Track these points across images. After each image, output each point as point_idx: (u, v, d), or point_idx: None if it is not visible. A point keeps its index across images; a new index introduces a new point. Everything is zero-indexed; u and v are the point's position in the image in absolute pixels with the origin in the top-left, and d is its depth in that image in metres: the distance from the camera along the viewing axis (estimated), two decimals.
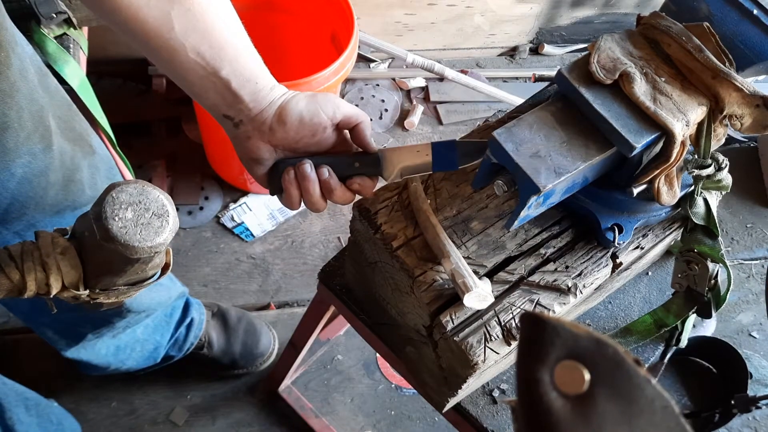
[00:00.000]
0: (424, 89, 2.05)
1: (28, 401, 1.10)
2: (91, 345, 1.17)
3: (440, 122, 2.01)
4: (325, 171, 0.69)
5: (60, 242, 0.46)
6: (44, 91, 0.79)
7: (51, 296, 0.48)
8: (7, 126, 0.72)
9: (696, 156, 0.70)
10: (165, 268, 0.52)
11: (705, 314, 0.77)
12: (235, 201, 1.77)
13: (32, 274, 0.45)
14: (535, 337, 0.31)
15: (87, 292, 0.48)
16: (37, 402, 1.13)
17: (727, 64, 0.66)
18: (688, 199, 0.75)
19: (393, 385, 1.58)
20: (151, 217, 0.43)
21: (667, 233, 0.79)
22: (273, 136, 0.67)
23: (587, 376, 0.29)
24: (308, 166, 0.68)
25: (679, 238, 0.79)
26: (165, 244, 0.44)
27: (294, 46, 1.71)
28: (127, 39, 0.63)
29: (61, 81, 1.03)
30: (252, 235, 1.73)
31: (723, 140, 0.71)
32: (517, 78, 2.14)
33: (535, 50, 2.21)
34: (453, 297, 0.70)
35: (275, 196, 0.72)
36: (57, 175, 0.83)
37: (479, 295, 0.65)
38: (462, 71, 2.03)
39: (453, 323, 0.68)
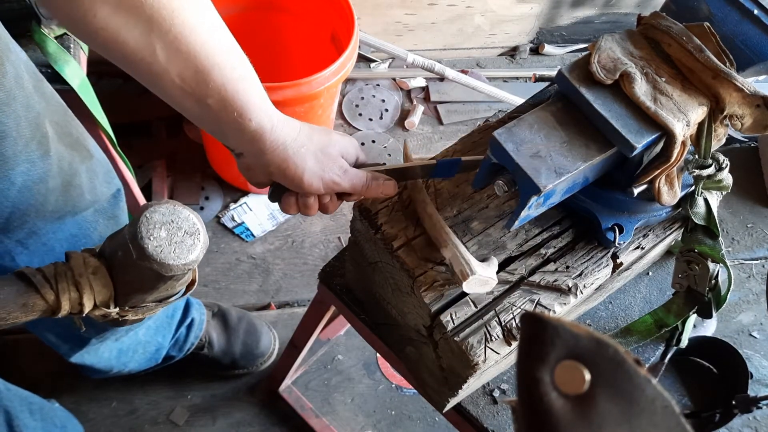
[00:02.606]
0: (425, 89, 2.05)
1: (32, 405, 1.10)
2: (94, 349, 1.17)
3: (440, 122, 2.00)
4: (327, 197, 0.70)
5: (91, 262, 0.48)
6: (40, 97, 0.78)
7: (83, 315, 0.49)
8: (5, 135, 0.71)
9: (696, 156, 0.70)
10: (190, 285, 0.52)
11: (705, 314, 0.77)
12: (235, 201, 1.77)
13: (66, 295, 0.46)
14: (536, 337, 0.31)
15: (117, 310, 0.49)
16: (40, 406, 1.13)
17: (727, 64, 0.66)
18: (688, 199, 0.75)
19: (393, 385, 1.58)
20: (183, 235, 0.45)
21: (667, 233, 0.79)
22: (274, 177, 0.67)
23: (587, 376, 0.29)
24: (312, 199, 0.69)
25: (679, 238, 0.79)
26: (197, 261, 0.46)
27: (294, 46, 1.71)
28: (113, 63, 0.58)
29: (62, 81, 1.03)
30: (252, 235, 1.73)
31: (723, 140, 0.71)
32: (517, 78, 2.14)
33: (536, 50, 2.21)
34: (454, 297, 0.70)
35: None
36: (56, 181, 0.82)
37: (480, 279, 0.65)
38: (462, 71, 2.03)
39: (453, 323, 0.68)
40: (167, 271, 0.45)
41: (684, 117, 0.64)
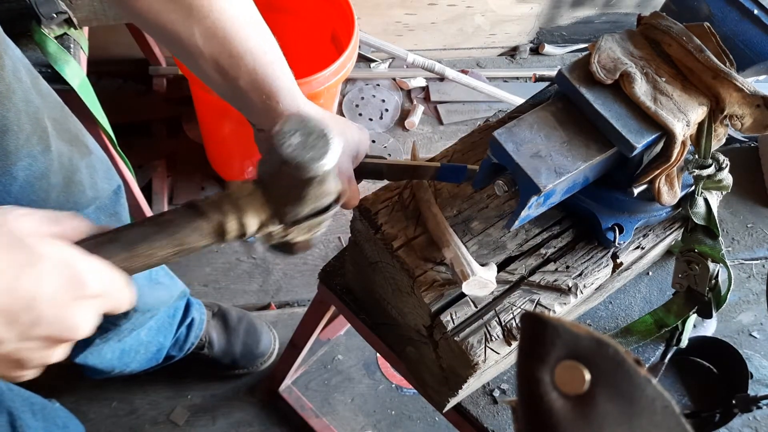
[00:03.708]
0: (425, 89, 2.05)
1: (34, 406, 1.10)
2: (98, 350, 1.17)
3: (440, 122, 2.00)
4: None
5: (246, 187, 0.53)
6: (37, 93, 0.78)
7: (247, 237, 0.53)
8: (6, 128, 0.71)
9: (696, 156, 0.70)
10: (338, 198, 0.56)
11: (705, 314, 0.77)
12: None
13: (230, 216, 0.51)
14: (536, 337, 0.31)
15: (280, 227, 0.54)
16: (42, 406, 1.13)
17: (727, 64, 0.66)
18: (688, 199, 0.75)
19: (393, 385, 1.58)
20: (315, 139, 0.49)
21: (667, 233, 0.79)
22: None
23: (588, 376, 0.29)
24: None
25: (679, 238, 0.79)
26: (333, 162, 0.50)
27: (294, 46, 1.71)
28: (157, 42, 0.65)
29: (62, 81, 1.03)
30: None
31: (723, 140, 0.71)
32: (517, 78, 2.14)
33: (536, 50, 2.21)
34: (454, 297, 0.70)
35: None
36: (57, 177, 0.82)
37: (479, 282, 0.65)
38: (462, 71, 2.03)
39: (453, 323, 0.68)
40: (307, 172, 0.49)
41: (684, 117, 0.64)
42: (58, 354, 0.46)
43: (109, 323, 1.09)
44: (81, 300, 0.44)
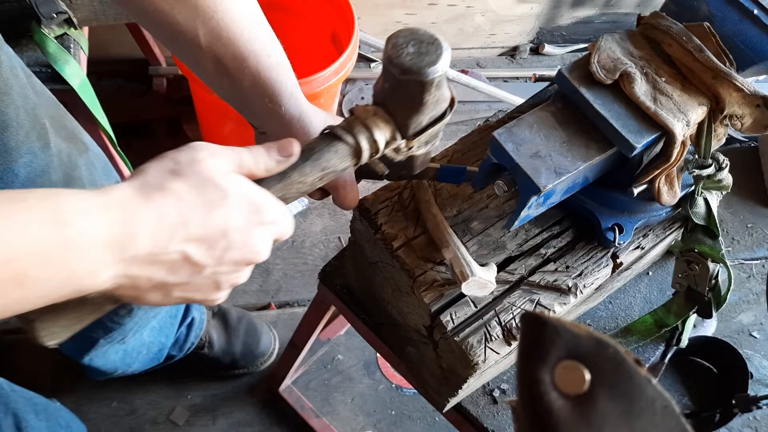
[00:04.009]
0: None
1: (36, 406, 1.10)
2: (102, 352, 1.17)
3: None
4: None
5: (370, 108, 0.58)
6: (32, 90, 0.79)
7: (379, 154, 0.58)
8: (6, 125, 0.71)
9: (696, 156, 0.70)
10: (452, 104, 0.59)
11: (705, 314, 0.77)
12: None
13: (362, 135, 0.56)
14: (536, 337, 0.31)
15: (404, 142, 0.59)
16: (45, 406, 1.13)
17: (727, 64, 0.66)
18: (688, 199, 0.75)
19: (393, 385, 1.58)
20: (427, 46, 0.52)
21: (667, 233, 0.79)
22: None
23: (588, 376, 0.29)
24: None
25: (679, 238, 0.79)
26: (447, 64, 0.53)
27: (294, 46, 1.71)
28: (159, 42, 0.64)
29: (62, 81, 1.03)
30: None
31: (723, 140, 0.71)
32: (517, 78, 2.14)
33: (536, 50, 2.21)
34: (454, 297, 0.70)
35: None
36: (58, 174, 0.83)
37: (478, 282, 0.65)
38: (462, 71, 2.03)
39: (453, 323, 0.68)
40: (426, 76, 0.52)
41: (684, 117, 0.64)
42: (244, 276, 0.54)
43: (114, 323, 1.09)
44: (260, 226, 0.51)
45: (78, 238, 0.42)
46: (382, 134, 0.57)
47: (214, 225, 0.48)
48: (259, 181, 0.54)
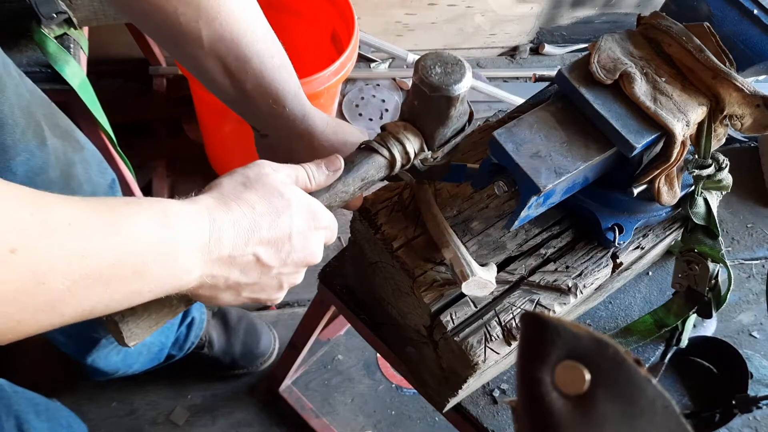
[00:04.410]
0: None
1: (38, 407, 1.10)
2: (105, 352, 1.17)
3: None
4: None
5: (400, 124, 0.64)
6: (26, 88, 0.79)
7: (409, 164, 0.64)
8: (2, 123, 0.72)
9: (696, 156, 0.70)
10: (471, 117, 0.65)
11: (705, 314, 0.77)
12: None
13: (396, 148, 0.62)
14: (536, 337, 0.31)
15: (430, 153, 0.65)
16: (46, 407, 1.13)
17: (727, 64, 0.66)
18: (688, 199, 0.75)
19: (393, 385, 1.58)
20: (452, 66, 0.59)
21: (667, 233, 0.79)
22: (294, 161, 0.68)
23: (588, 376, 0.29)
24: None
25: (679, 238, 0.79)
26: (470, 83, 0.59)
27: (294, 46, 1.71)
28: (160, 45, 0.63)
29: (62, 81, 1.03)
30: None
31: (723, 140, 0.71)
32: (517, 78, 2.14)
33: (536, 50, 2.21)
34: (453, 298, 0.70)
35: None
36: (55, 171, 0.83)
37: (479, 282, 0.65)
38: None
39: (453, 323, 0.68)
40: (454, 92, 0.58)
41: (684, 117, 0.64)
42: (300, 276, 0.59)
43: None
44: (317, 231, 0.57)
45: (182, 239, 0.47)
46: (412, 146, 0.63)
47: (280, 229, 0.53)
48: (312, 192, 0.59)
